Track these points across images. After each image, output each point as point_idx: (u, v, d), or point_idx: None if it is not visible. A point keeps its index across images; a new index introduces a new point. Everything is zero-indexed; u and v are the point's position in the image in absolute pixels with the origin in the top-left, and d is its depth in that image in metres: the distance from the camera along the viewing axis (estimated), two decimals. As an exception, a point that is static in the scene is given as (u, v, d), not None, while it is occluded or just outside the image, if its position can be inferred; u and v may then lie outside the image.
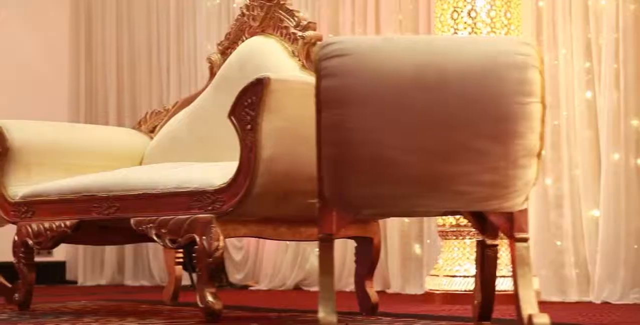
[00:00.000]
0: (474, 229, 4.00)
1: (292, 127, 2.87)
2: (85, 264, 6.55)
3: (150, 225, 3.11)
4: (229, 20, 5.94)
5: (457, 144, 2.00)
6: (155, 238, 3.11)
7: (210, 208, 2.94)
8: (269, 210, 2.96)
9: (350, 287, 5.13)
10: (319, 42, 2.10)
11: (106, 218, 3.28)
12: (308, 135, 2.85)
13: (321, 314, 2.05)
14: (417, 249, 4.91)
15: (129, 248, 6.39)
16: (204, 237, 2.93)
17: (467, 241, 4.07)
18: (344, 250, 5.21)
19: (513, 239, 2.19)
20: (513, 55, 2.02)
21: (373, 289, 3.29)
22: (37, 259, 6.27)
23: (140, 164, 3.95)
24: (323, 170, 2.08)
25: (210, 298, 2.93)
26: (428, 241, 4.86)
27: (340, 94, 2.02)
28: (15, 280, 4.03)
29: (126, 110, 6.44)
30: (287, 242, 5.48)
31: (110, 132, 4.09)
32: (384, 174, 2.02)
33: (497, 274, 3.94)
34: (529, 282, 2.12)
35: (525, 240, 2.17)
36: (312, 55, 2.05)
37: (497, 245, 2.47)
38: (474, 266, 3.98)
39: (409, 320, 2.97)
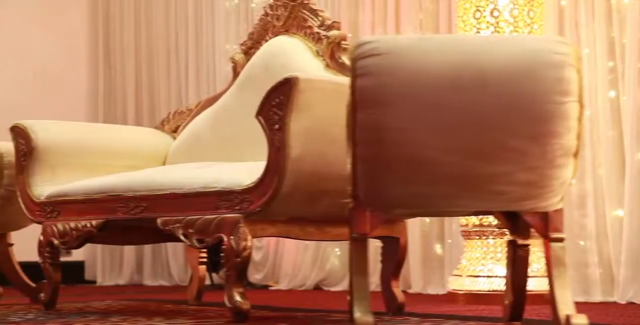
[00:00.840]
0: (497, 229, 4.01)
1: (319, 126, 2.87)
2: (104, 263, 6.56)
3: (177, 225, 3.11)
4: (247, 20, 5.94)
5: (494, 143, 1.99)
6: (182, 238, 3.11)
7: (238, 208, 2.94)
8: (296, 210, 2.96)
9: (371, 287, 5.10)
10: (354, 41, 2.09)
11: (132, 218, 3.29)
12: (335, 135, 2.87)
13: (357, 314, 2.05)
14: (438, 249, 4.90)
15: (147, 248, 6.41)
16: (231, 237, 2.93)
17: (490, 241, 4.05)
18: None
19: (548, 239, 2.18)
20: (550, 54, 2.01)
21: (399, 288, 3.28)
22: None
23: (164, 163, 3.95)
24: (357, 170, 2.08)
25: (238, 298, 2.93)
26: (449, 241, 4.85)
27: (376, 93, 2.02)
28: (38, 280, 4.05)
29: (145, 111, 6.45)
30: (307, 242, 5.48)
31: (133, 132, 4.10)
32: (420, 173, 2.02)
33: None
34: (565, 283, 2.11)
35: (560, 240, 2.16)
36: (347, 55, 2.04)
37: (528, 245, 2.46)
38: (497, 266, 3.99)
39: (437, 320, 2.96)
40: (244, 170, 3.05)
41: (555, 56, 2.02)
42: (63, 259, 6.38)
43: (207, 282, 5.83)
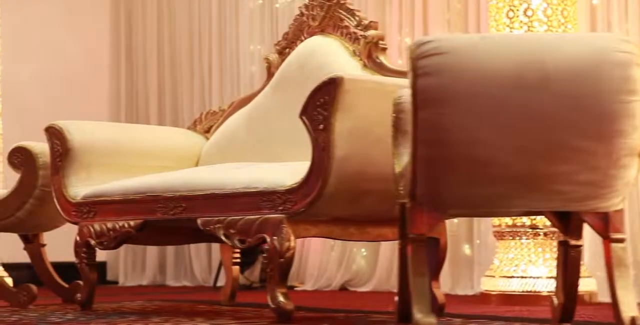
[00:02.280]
0: (530, 229, 4.00)
1: (363, 126, 2.86)
2: (126, 264, 6.56)
3: (218, 225, 3.11)
4: (272, 20, 5.94)
5: (557, 143, 1.98)
6: (223, 238, 3.10)
7: (281, 208, 2.93)
8: (340, 211, 2.95)
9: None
10: (414, 41, 2.08)
11: (171, 218, 3.28)
12: (379, 135, 2.86)
13: (418, 315, 2.04)
14: (466, 249, 4.89)
15: (170, 249, 6.40)
16: (274, 238, 2.93)
17: (524, 241, 4.04)
18: (392, 251, 5.19)
19: (609, 240, 2.17)
20: (615, 52, 2.00)
21: (439, 289, 3.27)
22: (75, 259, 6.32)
23: (196, 164, 3.95)
24: (417, 170, 2.07)
25: (281, 298, 2.92)
26: (478, 241, 4.84)
27: (438, 93, 2.01)
28: (70, 280, 4.05)
29: (167, 111, 6.45)
30: (332, 243, 5.48)
31: (166, 132, 4.09)
32: (482, 173, 2.01)
33: (551, 274, 3.95)
34: (628, 284, 2.10)
35: (621, 240, 2.15)
36: (408, 54, 2.03)
37: (581, 245, 2.45)
38: (531, 267, 3.98)
39: (481, 321, 2.95)
40: (286, 171, 3.04)
41: (621, 55, 2.01)
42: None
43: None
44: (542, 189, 2.04)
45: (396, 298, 2.66)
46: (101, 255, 6.91)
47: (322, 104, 2.84)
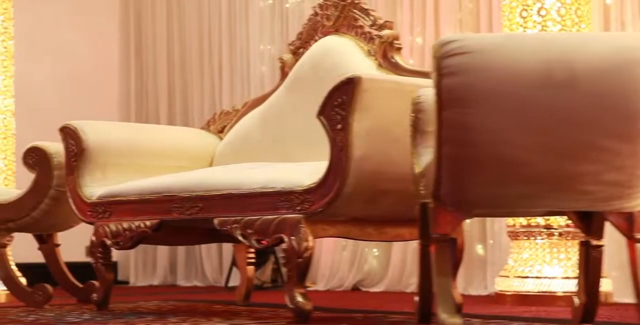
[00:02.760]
0: (545, 229, 3.99)
1: (381, 126, 2.86)
2: (137, 264, 6.57)
3: (236, 225, 3.11)
4: (282, 20, 5.94)
5: (584, 143, 1.98)
6: (240, 238, 3.10)
7: (299, 208, 2.93)
8: (358, 211, 2.94)
9: (411, 288, 5.11)
10: (438, 40, 2.07)
11: (188, 218, 3.28)
12: (397, 135, 2.86)
13: (443, 315, 2.03)
14: (479, 249, 4.89)
15: (181, 249, 6.41)
16: (292, 238, 2.92)
17: (539, 241, 4.03)
18: (404, 251, 5.19)
19: (633, 240, 2.16)
20: (642, 52, 1.99)
21: (457, 289, 3.26)
22: (87, 259, 6.33)
23: (210, 164, 3.95)
24: (441, 170, 2.06)
25: (300, 298, 2.92)
26: (491, 242, 4.83)
27: (463, 92, 2.01)
28: (80, 281, 4.06)
29: (177, 111, 6.45)
30: (344, 243, 5.48)
31: (180, 132, 4.09)
32: (507, 173, 2.00)
33: (566, 275, 3.95)
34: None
35: (646, 240, 2.14)
36: (432, 53, 2.03)
37: (602, 245, 2.44)
38: (546, 267, 3.97)
39: (501, 321, 2.94)
40: (303, 171, 3.04)
41: (647, 54, 2.00)
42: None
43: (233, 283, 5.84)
44: (567, 189, 2.04)
45: (416, 298, 2.66)
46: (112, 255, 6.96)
47: (340, 103, 2.84)
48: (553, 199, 2.08)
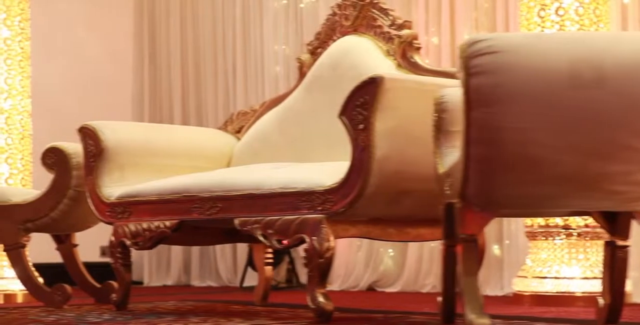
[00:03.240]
0: (563, 230, 3.98)
1: (403, 126, 2.85)
2: (151, 264, 6.57)
3: (256, 225, 3.10)
4: (296, 20, 5.93)
5: (613, 142, 1.97)
6: (261, 238, 3.10)
7: (320, 208, 2.93)
8: (379, 211, 2.94)
9: (427, 288, 5.11)
10: (466, 39, 2.07)
11: (208, 218, 3.28)
12: (419, 135, 2.85)
13: (471, 316, 2.03)
14: (495, 249, 4.87)
15: (195, 249, 6.41)
16: (314, 238, 2.92)
17: (557, 242, 4.02)
18: (420, 251, 5.18)
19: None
20: (672, 51, 1.98)
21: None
22: (101, 259, 6.35)
23: (228, 164, 3.95)
24: (468, 170, 2.06)
25: (321, 299, 2.91)
26: (507, 242, 4.82)
27: (492, 92, 2.00)
28: (99, 281, 4.06)
29: (191, 111, 6.45)
30: (359, 243, 5.47)
31: (198, 132, 4.09)
32: (536, 173, 2.00)
33: (585, 275, 3.94)
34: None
35: (675, 240, 2.13)
36: (459, 53, 2.02)
37: (628, 246, 2.43)
38: (565, 267, 3.96)
39: (523, 322, 2.93)
40: (324, 171, 3.04)
41: (678, 53, 1.99)
42: (108, 259, 6.39)
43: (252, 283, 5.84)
44: (597, 189, 2.03)
45: (439, 298, 2.65)
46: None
47: (362, 103, 2.83)
48: (581, 199, 2.07)
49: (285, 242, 3.05)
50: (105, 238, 3.99)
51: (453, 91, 2.61)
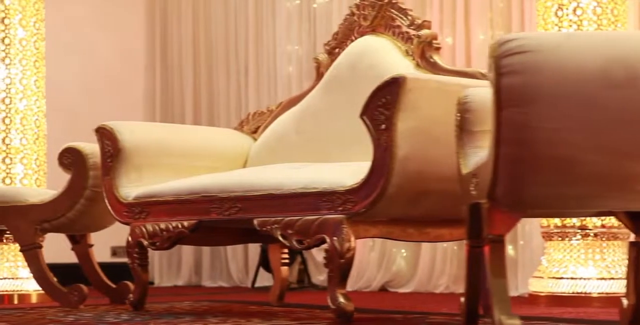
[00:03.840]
0: (580, 230, 3.97)
1: (425, 126, 2.85)
2: (162, 264, 6.56)
3: (276, 225, 3.10)
4: (309, 20, 5.92)
5: (645, 142, 1.96)
6: (280, 238, 3.09)
7: (341, 209, 2.92)
8: (400, 211, 2.93)
9: (440, 289, 5.10)
10: (496, 39, 2.05)
11: (226, 219, 3.27)
12: (440, 135, 2.85)
13: (501, 317, 2.02)
14: (510, 250, 4.86)
15: (206, 249, 6.40)
16: (334, 238, 2.91)
17: (574, 242, 4.01)
18: (433, 252, 5.17)
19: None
20: None
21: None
22: (112, 259, 6.34)
23: (245, 164, 3.94)
24: (498, 170, 2.05)
25: (342, 299, 2.91)
26: (522, 242, 4.81)
27: (523, 92, 1.99)
28: (111, 281, 4.06)
29: (203, 111, 6.44)
30: (371, 243, 5.46)
31: (214, 133, 4.08)
32: (568, 173, 1.99)
33: (601, 275, 3.92)
34: None
35: None
36: (489, 52, 2.02)
37: (654, 246, 2.42)
38: (582, 268, 3.94)
39: (544, 323, 2.92)
40: (345, 171, 3.03)
41: None
42: (119, 259, 6.38)
43: (272, 283, 5.83)
44: (627, 189, 2.02)
45: (462, 299, 2.64)
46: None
47: (384, 103, 2.82)
48: (611, 200, 2.06)
49: (306, 242, 3.03)
50: (116, 238, 4.00)
51: (477, 91, 2.60)
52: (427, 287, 5.16)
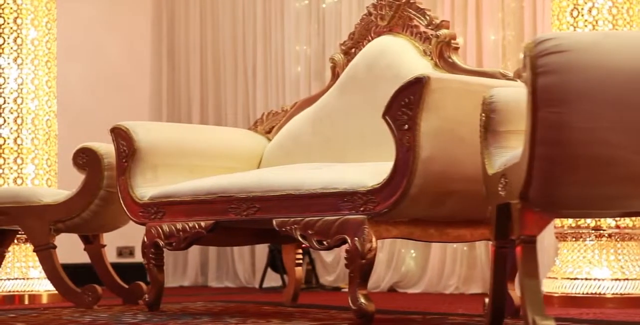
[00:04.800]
0: (593, 231, 3.96)
1: (448, 126, 2.83)
2: (168, 265, 6.52)
3: (295, 226, 3.08)
4: (318, 21, 5.91)
5: (683, 142, 1.95)
6: (300, 239, 3.07)
7: (362, 209, 2.90)
8: (422, 211, 2.92)
9: (450, 289, 5.09)
10: (532, 38, 2.05)
11: (244, 219, 3.25)
12: (463, 135, 2.84)
13: (536, 318, 2.01)
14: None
15: (212, 250, 6.39)
16: (356, 239, 2.90)
17: (588, 243, 4.01)
18: (443, 252, 5.17)
19: None
20: None
21: (515, 291, 3.23)
22: (117, 260, 6.31)
23: (259, 164, 3.92)
24: (533, 170, 2.04)
25: (363, 300, 2.89)
26: (534, 243, 4.79)
27: (560, 91, 1.98)
28: (129, 282, 4.05)
29: (210, 111, 6.43)
30: (380, 243, 5.45)
31: (228, 133, 4.07)
32: (603, 174, 1.98)
33: (615, 276, 3.92)
34: None
35: None
36: (526, 52, 2.00)
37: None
38: (596, 269, 3.94)
39: (565, 324, 2.91)
40: (365, 171, 3.02)
41: None
42: (124, 260, 6.36)
43: (279, 283, 5.83)
44: (665, 189, 2.01)
45: (486, 299, 2.63)
46: (140, 256, 6.92)
47: (407, 103, 2.81)
48: (646, 200, 2.05)
49: (327, 242, 3.02)
50: (121, 239, 3.98)
51: (502, 91, 2.59)
52: (437, 288, 5.15)
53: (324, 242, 3.03)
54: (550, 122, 2.01)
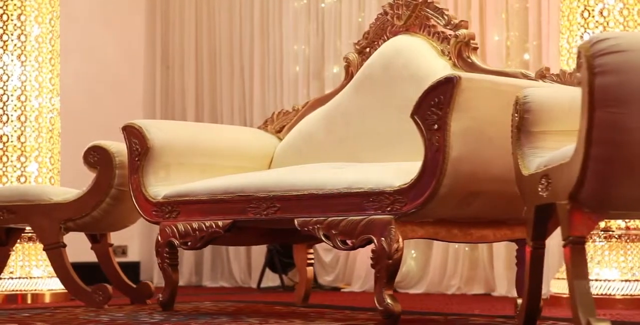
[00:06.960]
0: (602, 232, 3.97)
1: (478, 127, 2.82)
2: (161, 264, 6.49)
3: (318, 225, 3.06)
4: (317, 20, 5.89)
5: None
6: (323, 239, 3.05)
7: (389, 209, 2.89)
8: (449, 212, 2.91)
9: (452, 290, 5.09)
10: (588, 38, 2.04)
11: (264, 219, 3.23)
12: (493, 135, 2.83)
13: (590, 319, 2.00)
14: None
15: (206, 249, 6.33)
16: (382, 239, 2.88)
17: (597, 244, 4.01)
18: (445, 253, 5.16)
19: None
20: None
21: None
22: (119, 259, 6.25)
23: (270, 164, 3.90)
24: (587, 171, 2.03)
25: (389, 300, 2.88)
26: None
27: (619, 92, 1.98)
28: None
29: (205, 111, 6.38)
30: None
31: (239, 132, 4.04)
32: (663, 175, 1.97)
33: (625, 277, 3.93)
34: None
35: None
36: (581, 52, 1.99)
37: None
38: (605, 270, 3.95)
39: None
40: (390, 171, 3.00)
41: None
42: (117, 259, 6.31)
43: (276, 283, 5.80)
44: None
45: (519, 300, 2.62)
46: (133, 255, 6.87)
47: (436, 103, 2.80)
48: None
49: (351, 242, 3.00)
50: (113, 238, 3.93)
51: (536, 91, 2.59)
52: (439, 288, 5.15)
53: (348, 242, 3.01)
54: (607, 123, 2.00)
